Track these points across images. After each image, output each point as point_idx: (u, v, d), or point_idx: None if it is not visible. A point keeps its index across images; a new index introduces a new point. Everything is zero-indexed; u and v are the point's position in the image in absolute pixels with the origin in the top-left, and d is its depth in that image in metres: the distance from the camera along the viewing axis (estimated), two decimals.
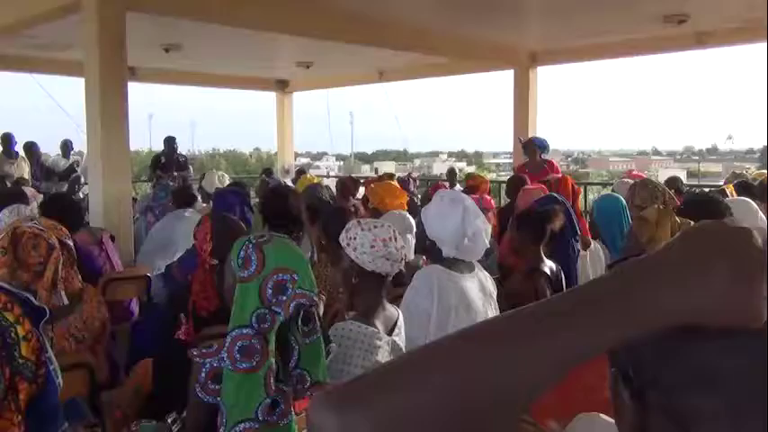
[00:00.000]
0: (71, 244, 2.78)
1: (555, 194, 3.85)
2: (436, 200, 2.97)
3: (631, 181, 5.15)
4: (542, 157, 7.01)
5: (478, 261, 2.95)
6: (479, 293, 2.88)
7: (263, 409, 1.70)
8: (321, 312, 3.43)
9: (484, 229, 2.86)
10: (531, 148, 7.07)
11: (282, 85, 12.37)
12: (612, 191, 5.21)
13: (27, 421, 1.08)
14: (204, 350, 1.81)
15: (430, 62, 9.58)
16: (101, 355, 2.83)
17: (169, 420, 2.16)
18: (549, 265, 3.35)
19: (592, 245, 3.84)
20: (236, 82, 12.11)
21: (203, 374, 1.77)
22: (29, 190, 5.80)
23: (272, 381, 1.71)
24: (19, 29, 6.50)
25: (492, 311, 2.93)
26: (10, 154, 8.70)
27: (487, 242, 2.87)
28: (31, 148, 9.20)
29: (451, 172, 9.53)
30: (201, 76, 11.34)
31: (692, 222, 3.11)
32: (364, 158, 54.87)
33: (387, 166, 38.63)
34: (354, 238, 2.37)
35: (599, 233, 3.89)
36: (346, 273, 2.45)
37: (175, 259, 4.30)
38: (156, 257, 4.69)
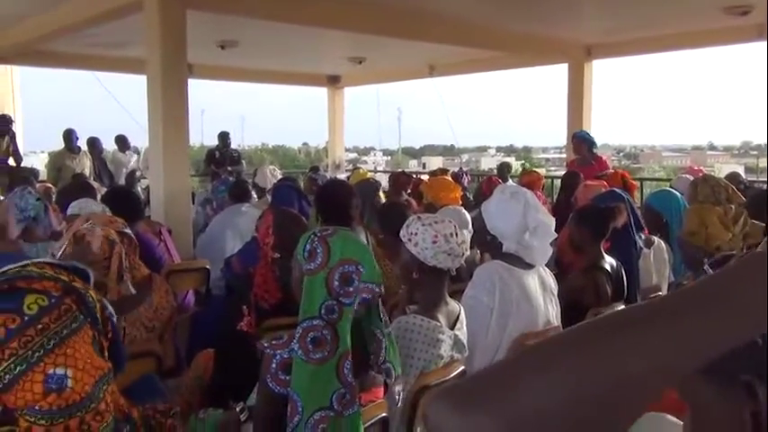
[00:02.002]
0: (130, 233, 2.86)
1: (618, 190, 3.78)
2: (497, 194, 2.95)
3: (691, 177, 5.03)
4: (591, 152, 6.90)
5: None
6: (540, 289, 2.86)
7: (338, 397, 1.73)
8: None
9: (547, 222, 2.84)
10: (578, 143, 6.97)
11: (334, 81, 12.47)
12: (671, 187, 5.09)
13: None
14: (274, 342, 1.85)
15: (482, 57, 9.50)
16: (168, 344, 2.91)
17: (237, 409, 2.21)
18: (609, 262, 3.30)
19: (655, 242, 3.76)
20: (288, 78, 12.25)
21: (274, 365, 1.80)
22: (93, 184, 5.98)
23: (345, 370, 1.73)
24: (82, 27, 6.70)
25: (553, 307, 2.91)
26: (72, 149, 8.96)
27: (552, 237, 2.84)
28: (93, 143, 9.47)
29: (503, 166, 9.44)
30: (255, 72, 11.51)
31: (757, 221, 3.01)
32: (411, 153, 54.74)
33: (434, 161, 38.47)
34: (415, 234, 2.39)
35: (662, 230, 3.82)
36: (407, 267, 2.46)
37: (234, 252, 4.40)
38: (215, 250, 4.80)
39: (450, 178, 5.64)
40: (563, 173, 7.17)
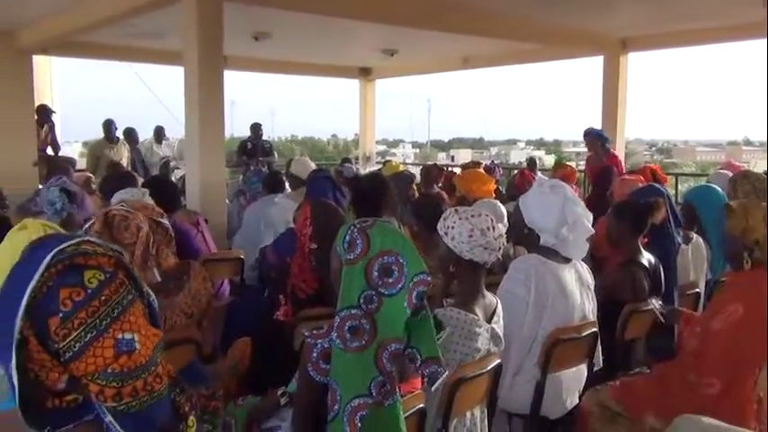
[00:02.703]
0: (166, 223, 2.89)
1: (657, 186, 3.73)
2: (536, 187, 2.95)
3: (729, 173, 4.94)
4: (604, 148, 6.98)
5: None
6: (576, 283, 2.85)
7: (376, 385, 1.75)
8: None
9: (585, 217, 2.83)
10: (591, 140, 7.05)
11: (366, 73, 12.47)
12: (708, 182, 5.01)
13: None
14: (315, 331, 1.87)
15: (516, 49, 9.42)
16: (206, 331, 2.96)
17: (278, 393, 2.25)
18: (647, 257, 3.26)
19: (694, 238, 3.71)
20: (320, 70, 12.28)
21: (315, 354, 1.83)
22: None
23: (384, 359, 1.75)
24: (120, 19, 6.78)
25: (589, 302, 2.90)
26: (111, 139, 9.11)
27: (589, 232, 2.82)
28: (129, 134, 9.61)
29: (531, 160, 9.35)
30: (287, 63, 11.56)
31: None
32: (440, 146, 54.51)
33: (463, 154, 38.29)
34: (452, 227, 2.39)
35: (700, 226, 3.76)
36: (443, 260, 2.47)
37: (269, 242, 4.44)
38: (249, 240, 4.85)
39: (482, 171, 5.60)
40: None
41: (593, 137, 7.06)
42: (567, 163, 7.97)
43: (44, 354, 1.05)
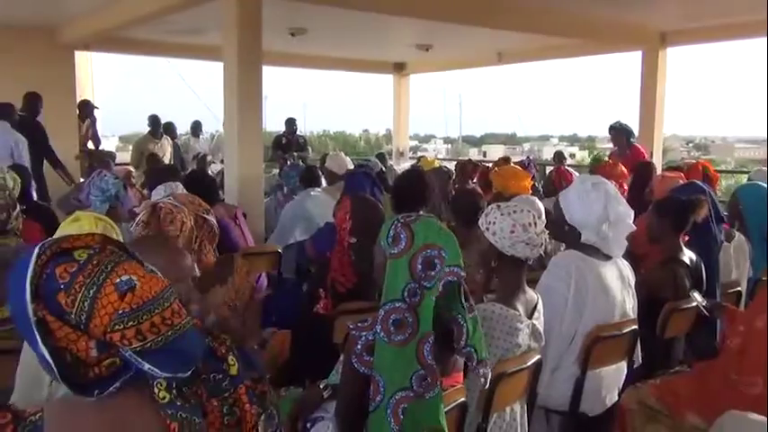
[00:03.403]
0: (212, 220, 2.95)
1: (699, 183, 3.69)
2: (577, 184, 2.93)
3: None
4: (629, 142, 7.01)
5: None
6: (617, 280, 2.83)
7: (417, 378, 1.78)
8: None
9: (626, 214, 2.81)
10: (616, 134, 7.08)
11: (400, 68, 12.47)
12: (749, 179, 4.92)
13: None
14: (360, 324, 1.90)
15: (553, 44, 9.32)
16: (249, 323, 3.01)
17: (321, 386, 2.28)
18: (688, 255, 3.23)
19: (736, 236, 3.66)
20: (354, 65, 12.31)
21: (359, 346, 1.86)
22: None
23: (425, 352, 1.77)
24: (161, 15, 6.89)
25: (630, 299, 2.88)
26: (155, 134, 9.27)
27: (630, 230, 2.81)
28: (168, 128, 9.77)
29: (559, 155, 9.21)
30: (322, 59, 11.61)
31: None
32: (472, 142, 54.17)
33: (495, 150, 38.00)
34: (493, 223, 2.39)
35: (742, 222, 3.71)
36: (484, 256, 2.47)
37: (306, 237, 4.49)
38: (288, 234, 4.91)
39: (518, 167, 5.57)
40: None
41: (617, 131, 7.07)
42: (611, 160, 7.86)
43: (66, 327, 1.09)
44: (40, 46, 8.73)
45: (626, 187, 5.07)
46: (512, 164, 6.28)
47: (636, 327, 2.84)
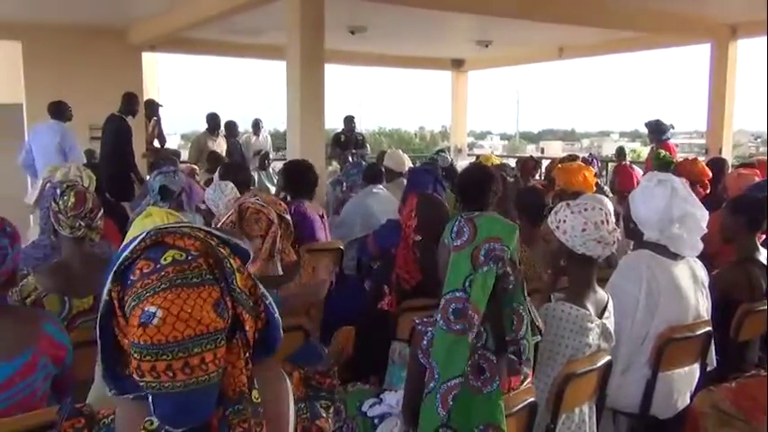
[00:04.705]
0: (289, 219, 3.00)
1: None
2: (644, 181, 2.88)
3: None
4: (662, 140, 7.06)
5: None
6: (690, 281, 2.76)
7: (472, 369, 1.81)
8: None
9: (695, 214, 2.72)
10: (650, 131, 7.18)
11: (458, 65, 12.41)
12: None
13: (253, 357, 1.15)
14: (426, 319, 1.93)
15: (616, 37, 9.12)
16: (315, 318, 3.06)
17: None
18: (764, 255, 3.12)
19: None
20: (413, 62, 12.31)
21: (425, 342, 1.88)
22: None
23: (479, 344, 1.81)
24: (226, 16, 7.05)
25: (703, 300, 2.80)
26: (213, 132, 9.50)
27: (702, 231, 2.72)
28: (230, 126, 9.98)
29: (620, 151, 8.93)
30: (381, 56, 11.66)
31: None
32: (529, 138, 53.46)
33: (553, 146, 37.40)
34: (564, 221, 2.36)
35: None
36: (554, 254, 2.44)
37: (369, 233, 4.51)
38: (349, 230, 4.94)
39: (582, 164, 5.46)
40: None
41: (651, 128, 7.17)
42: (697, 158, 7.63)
43: (122, 319, 1.07)
44: (110, 47, 9.06)
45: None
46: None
47: (710, 328, 2.76)
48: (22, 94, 8.97)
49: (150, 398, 1.04)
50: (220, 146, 9.39)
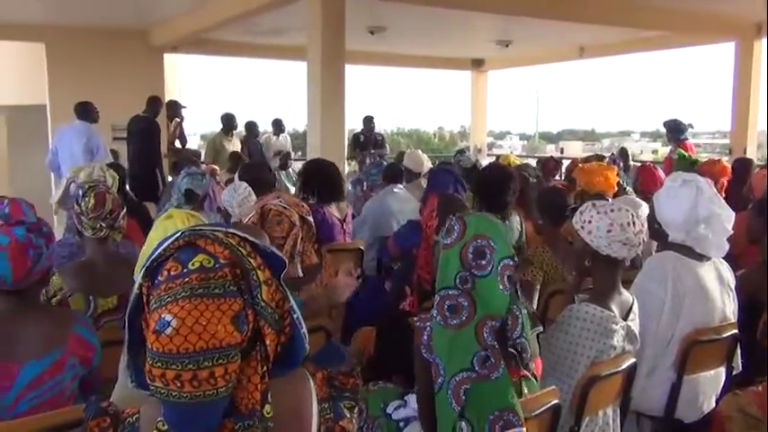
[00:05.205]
0: (311, 220, 3.01)
1: None
2: (668, 181, 2.85)
3: None
4: (679, 140, 7.11)
5: None
6: (716, 282, 2.72)
7: (479, 360, 1.82)
8: (537, 293, 3.44)
9: (721, 214, 2.68)
10: (667, 131, 7.24)
11: (478, 64, 12.37)
12: None
13: (274, 369, 1.14)
14: (423, 316, 2.00)
15: (638, 36, 9.03)
16: (336, 319, 3.06)
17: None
18: None
19: None
20: (432, 62, 12.30)
21: (425, 337, 1.92)
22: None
23: (485, 333, 1.83)
24: (247, 17, 7.09)
25: (730, 302, 2.76)
26: (228, 132, 9.51)
27: (728, 232, 2.68)
28: (250, 127, 10.01)
29: (622, 151, 8.78)
30: (400, 56, 11.65)
31: None
32: (549, 138, 53.12)
33: (573, 146, 37.11)
34: (589, 221, 2.34)
35: None
36: (578, 254, 2.42)
37: (389, 233, 4.50)
38: (369, 231, 4.94)
39: (605, 164, 5.40)
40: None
41: (670, 126, 7.19)
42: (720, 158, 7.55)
43: (148, 314, 1.07)
44: (132, 48, 9.15)
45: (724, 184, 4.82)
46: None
47: (736, 331, 2.72)
48: (45, 95, 9.09)
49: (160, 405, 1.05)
50: (235, 146, 9.41)
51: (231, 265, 1.07)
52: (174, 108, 9.50)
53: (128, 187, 5.29)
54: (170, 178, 7.94)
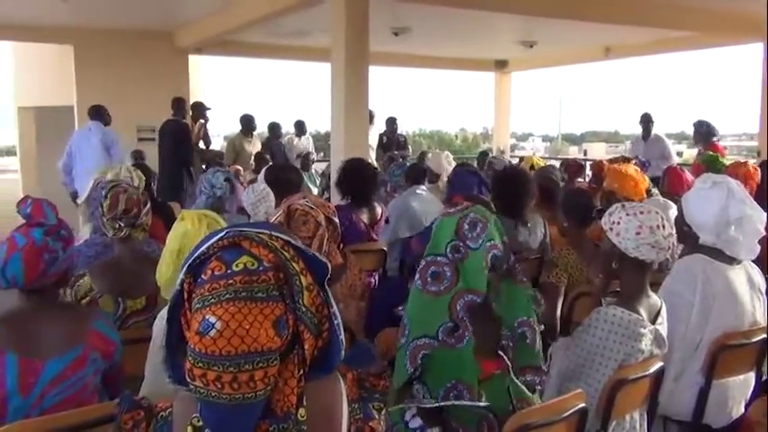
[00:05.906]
0: (337, 221, 3.01)
1: None
2: (698, 183, 2.81)
3: None
4: (708, 141, 7.13)
5: None
6: (746, 286, 2.67)
7: (445, 330, 1.84)
8: (561, 295, 3.41)
9: (753, 216, 2.64)
10: (695, 131, 7.27)
11: (502, 66, 12.32)
12: None
13: (309, 373, 1.14)
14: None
15: (664, 37, 8.92)
16: (360, 318, 3.06)
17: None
18: None
19: None
20: (456, 63, 12.28)
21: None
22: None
23: (458, 306, 1.84)
24: (271, 18, 7.13)
25: (760, 305, 2.71)
26: (247, 133, 9.53)
27: (760, 234, 2.64)
28: (273, 128, 10.06)
29: (646, 117, 8.51)
30: (423, 58, 11.65)
31: None
32: (572, 139, 52.73)
33: (596, 148, 36.81)
34: (618, 223, 2.31)
35: None
36: (606, 256, 2.40)
37: (412, 234, 4.49)
38: (392, 231, 4.93)
39: (633, 166, 5.33)
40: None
41: (702, 127, 7.20)
42: (746, 160, 7.42)
43: (189, 311, 1.07)
44: (158, 50, 9.26)
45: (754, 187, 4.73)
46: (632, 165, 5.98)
47: (766, 335, 2.67)
48: (73, 96, 9.23)
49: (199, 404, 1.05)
50: (255, 147, 9.45)
51: (275, 268, 1.07)
52: (200, 109, 9.56)
53: (154, 187, 5.34)
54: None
